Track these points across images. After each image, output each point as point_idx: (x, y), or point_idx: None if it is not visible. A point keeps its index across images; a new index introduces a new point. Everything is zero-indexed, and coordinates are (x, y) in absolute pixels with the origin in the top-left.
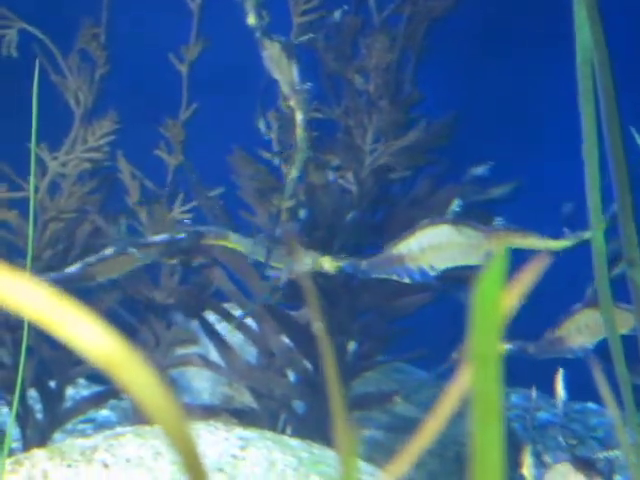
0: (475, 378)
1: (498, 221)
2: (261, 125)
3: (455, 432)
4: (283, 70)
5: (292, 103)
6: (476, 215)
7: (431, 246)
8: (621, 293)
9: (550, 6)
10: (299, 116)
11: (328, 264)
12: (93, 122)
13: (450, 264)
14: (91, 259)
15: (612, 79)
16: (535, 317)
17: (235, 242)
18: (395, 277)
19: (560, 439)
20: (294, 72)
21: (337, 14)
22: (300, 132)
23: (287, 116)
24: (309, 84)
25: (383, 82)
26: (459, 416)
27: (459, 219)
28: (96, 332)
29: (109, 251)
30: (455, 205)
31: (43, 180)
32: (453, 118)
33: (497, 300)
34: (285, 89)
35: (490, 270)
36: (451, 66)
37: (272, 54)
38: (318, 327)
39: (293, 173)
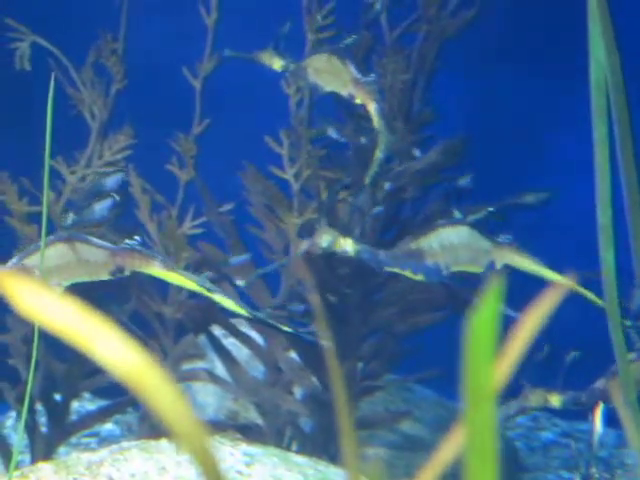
0: (470, 414)
1: (506, 237)
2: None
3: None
4: (338, 74)
5: (359, 99)
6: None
7: (449, 245)
8: None
9: (564, 23)
10: (372, 106)
11: (349, 245)
12: (109, 136)
13: (461, 267)
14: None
15: (625, 98)
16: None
17: (163, 272)
18: (408, 272)
19: (593, 470)
20: (352, 70)
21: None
22: (377, 120)
23: (298, 133)
24: (372, 75)
25: (398, 102)
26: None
27: (475, 224)
28: (120, 346)
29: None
30: (456, 215)
31: (62, 194)
32: (464, 137)
33: (492, 333)
34: (345, 91)
35: (486, 303)
36: (464, 84)
37: (318, 68)
38: (327, 347)
39: (378, 154)
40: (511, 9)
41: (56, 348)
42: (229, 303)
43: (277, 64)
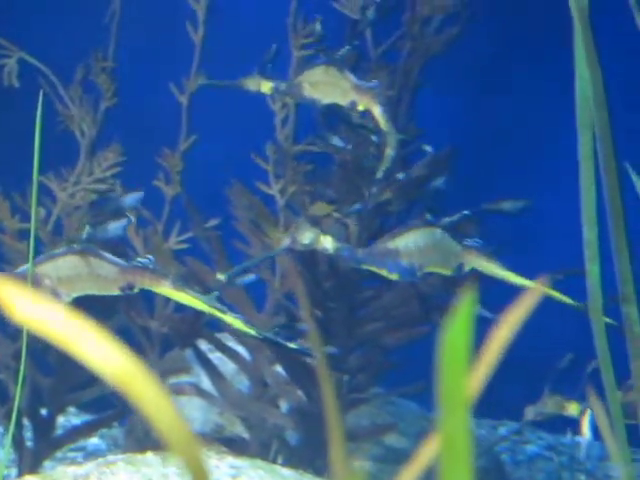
0: (444, 422)
1: (473, 240)
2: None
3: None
4: (337, 84)
5: (362, 105)
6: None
7: (423, 246)
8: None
9: (550, 40)
10: (378, 109)
11: (329, 243)
12: (97, 153)
13: (432, 268)
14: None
15: (608, 116)
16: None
17: (174, 292)
18: (385, 271)
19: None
20: (351, 77)
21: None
22: (384, 122)
23: (283, 149)
24: (374, 81)
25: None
26: None
27: (446, 227)
28: (111, 351)
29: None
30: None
31: (54, 211)
32: (450, 152)
33: (465, 344)
34: (346, 99)
35: (459, 314)
36: (449, 100)
37: (314, 81)
38: (319, 360)
39: (389, 152)
40: (495, 26)
41: (42, 363)
42: (239, 323)
43: (266, 87)
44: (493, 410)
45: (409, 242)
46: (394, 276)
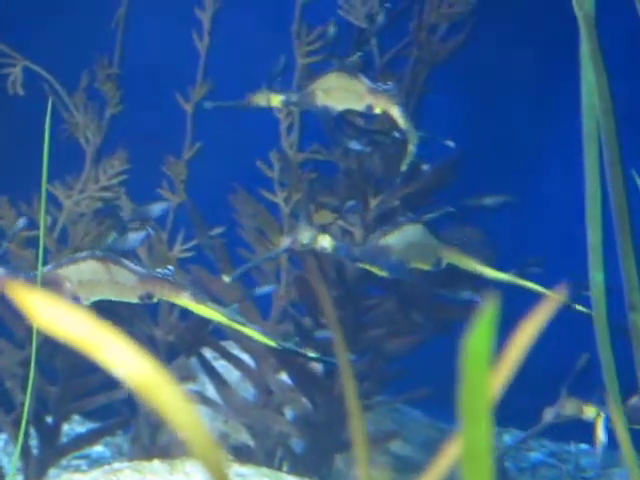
0: (465, 435)
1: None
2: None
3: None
4: (352, 89)
5: (379, 108)
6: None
7: (409, 243)
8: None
9: (558, 47)
10: (396, 109)
11: (327, 242)
12: (103, 161)
13: (414, 263)
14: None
15: (615, 124)
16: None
17: (193, 303)
18: (376, 268)
19: None
20: (366, 81)
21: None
22: (404, 121)
23: (287, 157)
24: (389, 83)
25: (389, 125)
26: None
27: (427, 223)
28: (132, 357)
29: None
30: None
31: (59, 218)
32: (455, 160)
33: (488, 351)
34: (362, 104)
35: (481, 322)
36: (455, 107)
37: (328, 88)
38: (344, 367)
39: (411, 148)
40: (501, 33)
41: (47, 370)
42: (259, 335)
43: (276, 101)
44: (498, 417)
45: (398, 239)
46: (384, 273)
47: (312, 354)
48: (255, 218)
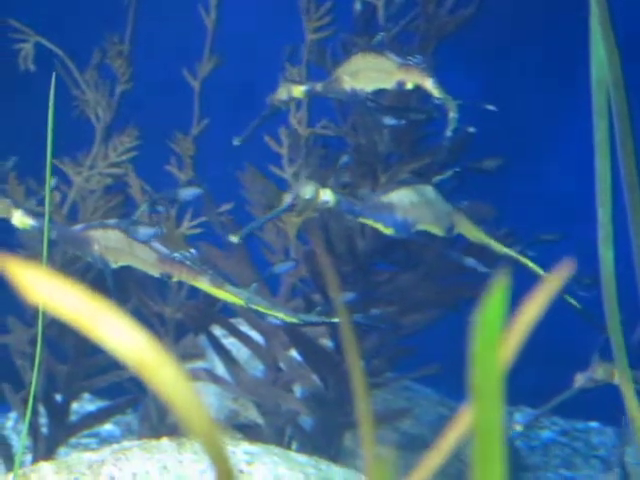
0: (476, 410)
1: (462, 203)
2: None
3: (458, 449)
4: (380, 68)
5: (411, 82)
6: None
7: (417, 202)
8: None
9: (566, 24)
10: (430, 81)
11: (329, 195)
12: (113, 137)
13: (425, 226)
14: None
15: (626, 98)
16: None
17: (212, 287)
18: (380, 225)
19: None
20: (395, 58)
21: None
22: (439, 92)
23: (296, 133)
24: (417, 56)
25: (397, 101)
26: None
27: (438, 185)
28: (129, 334)
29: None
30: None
31: (69, 195)
32: (465, 136)
33: (499, 329)
34: (392, 81)
35: (493, 299)
36: (464, 82)
37: (354, 71)
38: (345, 329)
39: (452, 115)
40: (510, 6)
41: (57, 349)
42: (281, 314)
43: (298, 91)
44: (509, 395)
45: (403, 197)
46: (389, 230)
47: (335, 320)
48: (264, 194)
